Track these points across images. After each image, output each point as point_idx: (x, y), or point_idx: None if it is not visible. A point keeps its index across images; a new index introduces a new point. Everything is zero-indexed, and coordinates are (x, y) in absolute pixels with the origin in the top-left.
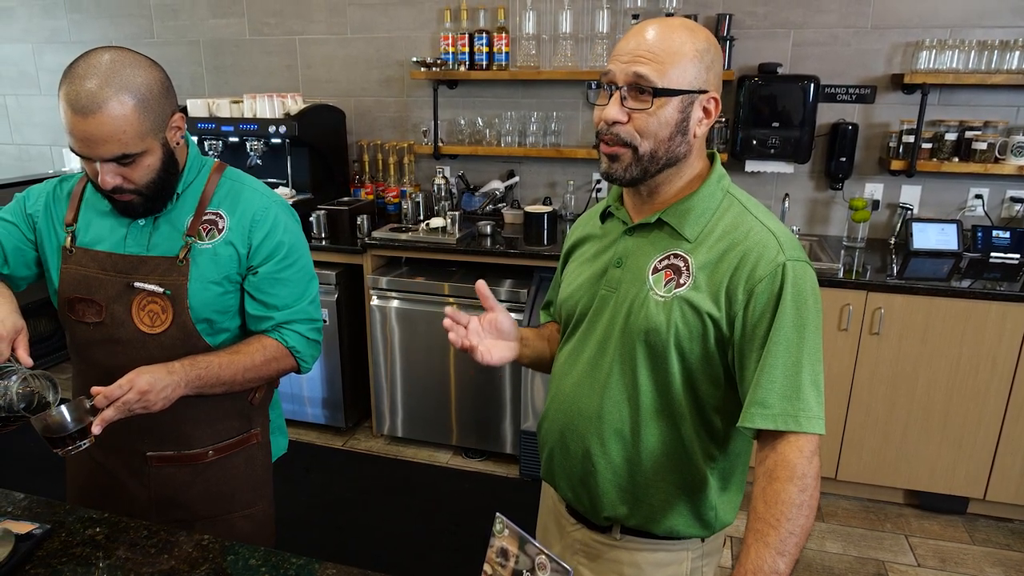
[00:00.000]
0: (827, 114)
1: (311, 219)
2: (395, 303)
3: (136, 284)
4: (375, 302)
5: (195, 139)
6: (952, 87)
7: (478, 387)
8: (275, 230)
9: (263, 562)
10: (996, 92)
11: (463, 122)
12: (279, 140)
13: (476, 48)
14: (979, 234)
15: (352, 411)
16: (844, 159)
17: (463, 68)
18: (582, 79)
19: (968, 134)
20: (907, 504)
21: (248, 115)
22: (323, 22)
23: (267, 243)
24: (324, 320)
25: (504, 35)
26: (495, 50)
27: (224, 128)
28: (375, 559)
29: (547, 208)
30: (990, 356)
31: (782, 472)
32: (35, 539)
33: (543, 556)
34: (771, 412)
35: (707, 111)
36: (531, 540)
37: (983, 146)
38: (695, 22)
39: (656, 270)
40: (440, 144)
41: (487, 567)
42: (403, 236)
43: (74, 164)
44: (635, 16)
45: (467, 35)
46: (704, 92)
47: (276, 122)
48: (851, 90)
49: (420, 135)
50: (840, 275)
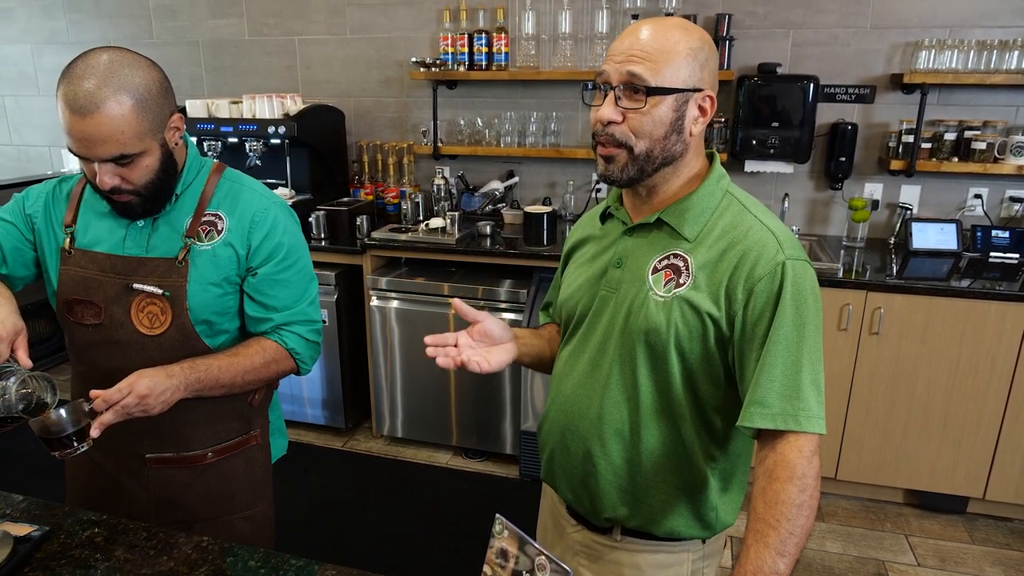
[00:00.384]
0: (827, 114)
1: (310, 220)
2: (395, 303)
3: (135, 286)
4: (375, 303)
5: (194, 140)
6: (951, 87)
7: (478, 388)
8: (274, 231)
9: (262, 563)
10: (995, 92)
11: (462, 122)
12: (278, 141)
13: (475, 48)
14: (978, 234)
15: (352, 412)
16: (844, 159)
17: (462, 68)
18: (581, 79)
19: (967, 134)
20: (907, 504)
21: (247, 116)
22: (322, 22)
23: (266, 244)
24: (324, 321)
25: (503, 35)
26: (494, 50)
27: (223, 129)
28: (375, 560)
29: (547, 208)
30: (990, 356)
31: (782, 472)
32: (34, 541)
33: (543, 557)
34: (770, 411)
35: (703, 109)
36: (531, 541)
37: (982, 146)
38: (689, 21)
39: (656, 270)
40: (440, 144)
41: (487, 568)
42: (403, 236)
43: (73, 165)
44: (634, 16)
45: (466, 35)
46: (699, 90)
47: (275, 123)
48: (850, 90)
49: (419, 135)
50: (840, 275)
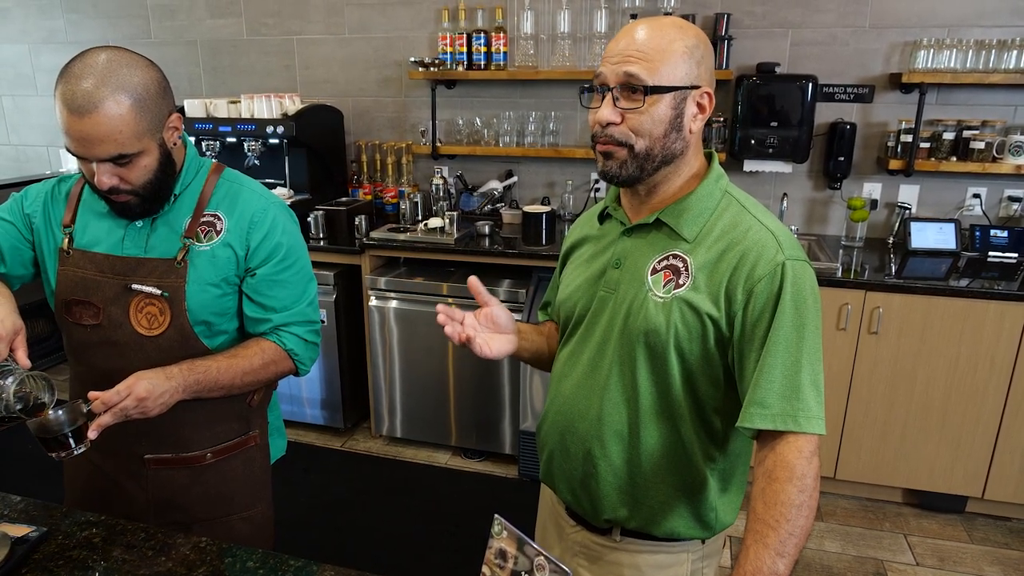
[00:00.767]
0: (825, 113)
1: (309, 220)
2: (393, 303)
3: (134, 286)
4: (373, 302)
5: (192, 140)
6: (950, 86)
7: (477, 387)
8: (273, 231)
9: (261, 564)
10: (994, 91)
11: (461, 122)
12: (277, 140)
13: (474, 48)
14: (977, 233)
15: (351, 412)
16: (842, 158)
17: (461, 68)
18: (580, 79)
19: (966, 133)
20: (906, 503)
21: (246, 115)
22: (321, 22)
23: (265, 245)
24: (322, 321)
25: (502, 35)
26: (493, 50)
27: (222, 128)
28: (374, 560)
29: (545, 208)
30: (988, 355)
31: (781, 473)
32: (31, 542)
33: (541, 557)
34: (770, 412)
35: (701, 106)
36: (529, 541)
37: (981, 145)
38: (685, 20)
39: (655, 271)
40: (438, 144)
41: (485, 568)
42: (401, 236)
43: (71, 165)
44: (633, 15)
45: (465, 35)
46: (696, 87)
47: (274, 122)
48: (849, 90)
49: (418, 135)
50: (839, 274)
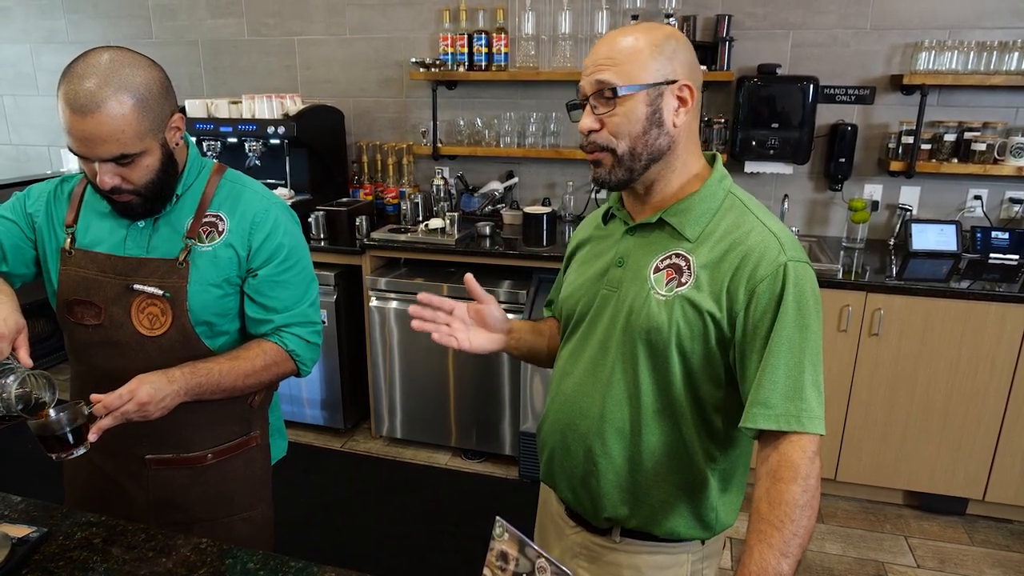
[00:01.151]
0: (826, 115)
1: (310, 220)
2: (394, 304)
3: (135, 286)
4: (374, 303)
5: (193, 140)
6: (951, 88)
7: (477, 388)
8: (275, 232)
9: (261, 565)
10: (995, 93)
11: (462, 123)
12: (278, 141)
13: (475, 49)
14: (978, 235)
15: (351, 412)
16: (843, 160)
17: (462, 69)
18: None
19: (967, 135)
20: (906, 505)
21: (247, 116)
22: (322, 23)
23: (267, 245)
24: (323, 322)
25: (503, 36)
26: (494, 51)
27: (223, 129)
28: (374, 560)
29: (546, 209)
30: (989, 357)
31: (786, 473)
32: (32, 543)
33: (543, 560)
34: (773, 412)
35: (682, 100)
36: (531, 543)
37: (982, 147)
38: (654, 23)
39: (658, 269)
40: (439, 145)
41: (487, 571)
42: (402, 237)
43: (72, 165)
44: (634, 16)
45: (466, 36)
46: (673, 81)
47: (275, 123)
48: (850, 91)
49: (419, 136)
50: (840, 276)
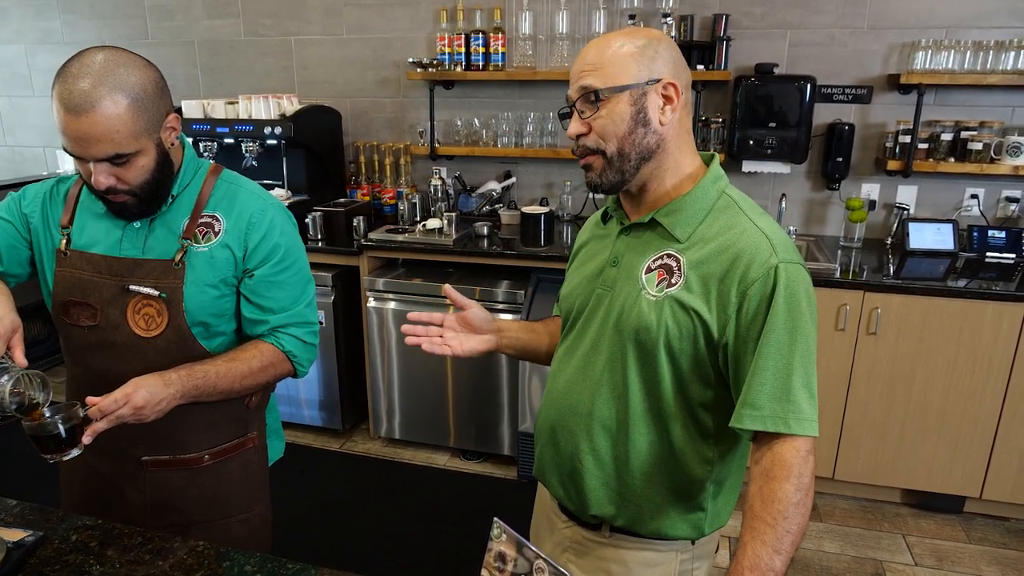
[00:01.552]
0: (824, 114)
1: (307, 220)
2: (392, 304)
3: (131, 287)
4: (372, 304)
5: (189, 140)
6: (948, 87)
7: (476, 389)
8: (271, 233)
9: (259, 568)
10: (992, 92)
11: (460, 123)
12: (275, 141)
13: (472, 49)
14: (975, 234)
15: (349, 413)
16: (841, 159)
17: (459, 69)
18: None
19: (964, 134)
20: (904, 503)
21: (243, 116)
22: (319, 23)
23: (263, 246)
24: (320, 322)
25: (500, 35)
26: (491, 50)
27: (219, 129)
28: (373, 561)
29: (544, 209)
30: (986, 355)
31: (779, 471)
32: (27, 547)
33: (541, 560)
34: (760, 414)
35: (668, 98)
36: (529, 544)
37: (979, 146)
38: (636, 28)
39: (650, 270)
40: (436, 145)
41: (484, 572)
42: (399, 237)
43: (67, 166)
44: (631, 16)
45: (463, 36)
46: (656, 80)
47: (272, 123)
48: (847, 90)
49: (416, 136)
50: (837, 275)
